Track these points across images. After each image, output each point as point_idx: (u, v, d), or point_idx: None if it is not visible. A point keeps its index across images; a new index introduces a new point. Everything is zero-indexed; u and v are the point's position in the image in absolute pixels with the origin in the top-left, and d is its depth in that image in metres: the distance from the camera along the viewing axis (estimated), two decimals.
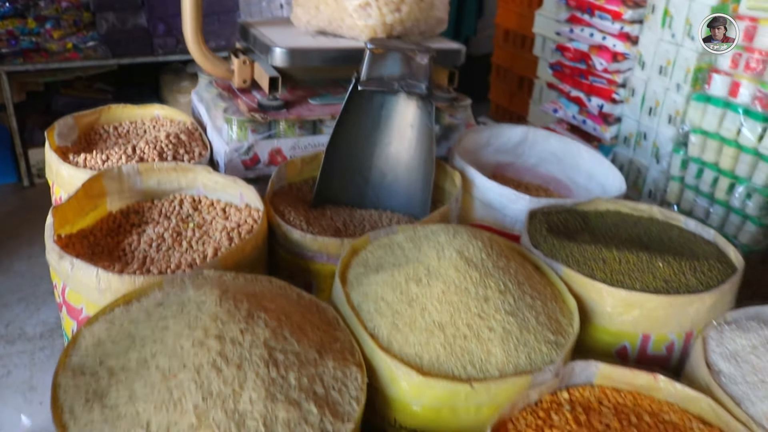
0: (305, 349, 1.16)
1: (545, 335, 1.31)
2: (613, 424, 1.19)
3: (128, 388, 1.07)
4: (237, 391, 1.05)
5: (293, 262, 1.64)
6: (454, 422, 1.22)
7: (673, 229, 1.80)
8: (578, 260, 1.54)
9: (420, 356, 1.22)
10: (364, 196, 1.92)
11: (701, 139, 2.64)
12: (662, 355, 1.51)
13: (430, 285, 1.31)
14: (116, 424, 1.03)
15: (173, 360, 1.08)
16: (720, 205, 2.63)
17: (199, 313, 1.13)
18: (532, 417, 1.20)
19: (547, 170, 2.30)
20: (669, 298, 1.44)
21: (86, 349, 1.18)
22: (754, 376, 1.33)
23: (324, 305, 1.35)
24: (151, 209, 1.82)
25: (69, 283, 1.49)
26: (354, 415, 1.11)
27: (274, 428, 1.03)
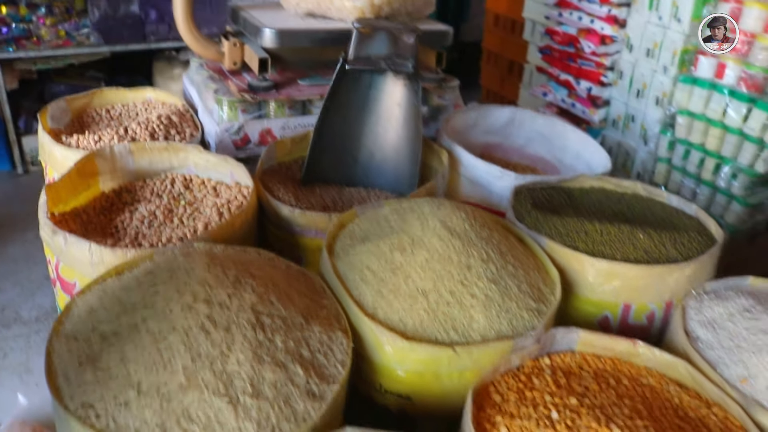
0: (292, 314, 1.19)
1: (527, 303, 1.34)
2: (592, 387, 1.23)
3: (120, 351, 1.10)
4: (225, 353, 1.08)
5: (283, 237, 1.67)
6: (438, 387, 1.25)
7: (656, 204, 1.83)
8: (561, 232, 1.57)
9: (404, 322, 1.26)
10: (353, 175, 1.95)
11: (688, 120, 2.68)
12: (643, 324, 1.55)
13: (414, 253, 1.34)
14: (108, 385, 1.06)
15: (163, 323, 1.11)
16: (706, 185, 2.67)
17: (188, 279, 1.17)
18: (514, 381, 1.24)
19: (534, 151, 2.33)
20: (649, 268, 1.48)
21: (79, 316, 1.21)
22: (729, 341, 1.37)
23: (311, 275, 1.39)
24: (143, 188, 1.85)
25: (62, 258, 1.52)
26: (339, 377, 1.14)
27: (260, 388, 1.07)
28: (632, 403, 1.19)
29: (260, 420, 1.04)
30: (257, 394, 1.06)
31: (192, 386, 1.05)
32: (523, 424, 1.11)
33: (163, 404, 1.03)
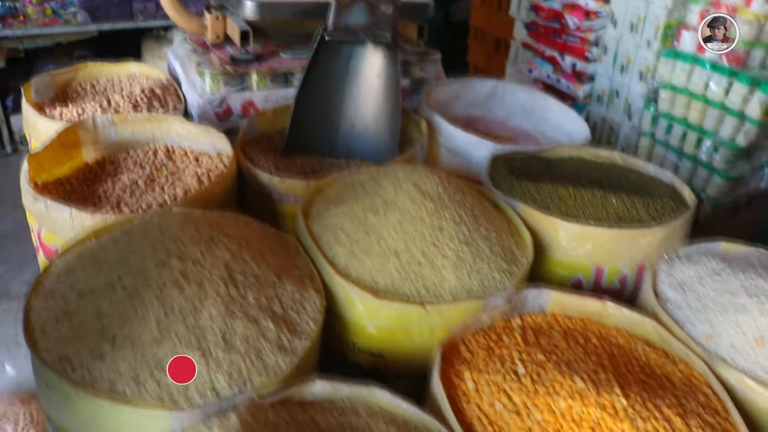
0: (265, 272, 1.22)
1: (499, 264, 1.37)
2: (561, 345, 1.26)
3: (95, 307, 1.13)
4: (197, 308, 1.11)
5: (263, 205, 1.69)
6: (409, 344, 1.28)
7: (632, 173, 1.86)
8: (535, 198, 1.60)
9: (375, 281, 1.28)
10: (334, 146, 1.97)
11: (670, 94, 2.70)
12: (616, 288, 1.58)
13: (387, 215, 1.37)
14: (84, 339, 1.09)
15: (137, 280, 1.13)
16: (688, 159, 2.70)
17: (162, 237, 1.19)
18: (484, 339, 1.27)
19: (516, 123, 2.35)
20: (621, 232, 1.50)
21: (57, 276, 1.24)
22: (697, 302, 1.40)
23: (287, 237, 1.41)
24: (126, 159, 1.87)
25: (44, 225, 1.54)
26: (311, 333, 1.17)
27: (232, 342, 1.09)
28: (598, 359, 1.22)
29: (232, 372, 1.07)
30: (229, 348, 1.09)
31: (165, 339, 1.07)
32: (490, 378, 1.14)
33: (137, 357, 1.06)
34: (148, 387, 1.03)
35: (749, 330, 1.29)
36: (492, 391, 1.11)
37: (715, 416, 1.15)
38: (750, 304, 1.33)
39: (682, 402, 1.15)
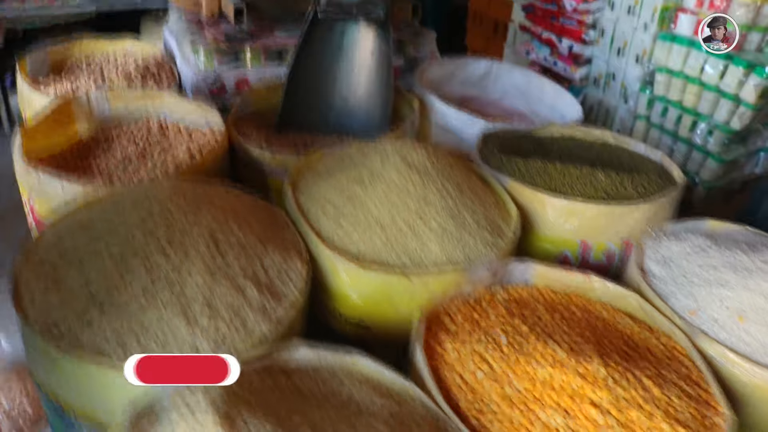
0: (250, 240, 1.23)
1: (483, 236, 1.38)
2: (544, 316, 1.27)
3: (84, 274, 1.14)
4: (183, 275, 1.12)
5: (254, 179, 1.71)
6: (394, 314, 1.29)
7: (623, 152, 1.86)
8: (523, 173, 1.61)
9: (360, 251, 1.30)
10: (327, 122, 1.97)
11: (666, 77, 2.70)
12: (602, 264, 1.59)
13: (373, 186, 1.38)
14: (72, 306, 1.10)
15: (125, 248, 1.15)
16: (683, 142, 2.70)
17: (150, 206, 1.20)
18: (467, 309, 1.28)
19: (511, 103, 2.35)
20: (607, 207, 1.51)
21: (47, 244, 1.25)
22: (682, 277, 1.41)
23: (275, 209, 1.42)
24: (119, 134, 1.88)
25: (36, 196, 1.56)
26: (296, 301, 1.19)
27: (217, 308, 1.11)
28: (581, 331, 1.23)
29: (216, 338, 1.08)
30: (213, 314, 1.10)
31: (151, 306, 1.09)
32: (472, 347, 1.15)
33: (123, 323, 1.08)
34: (133, 351, 1.05)
35: (732, 304, 1.31)
36: (473, 360, 1.12)
37: (694, 387, 1.16)
38: (734, 279, 1.34)
39: (662, 373, 1.16)
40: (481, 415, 1.04)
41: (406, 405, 1.04)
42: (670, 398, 1.10)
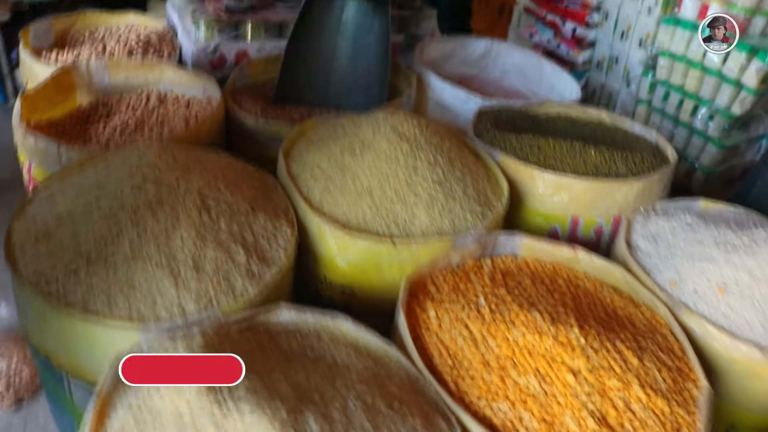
0: (238, 202, 1.25)
1: (471, 206, 1.39)
2: (526, 285, 1.29)
3: (73, 227, 1.16)
4: (169, 230, 1.14)
5: (249, 149, 1.72)
6: (379, 280, 1.31)
7: (618, 131, 1.87)
8: (515, 147, 1.62)
9: (347, 216, 1.31)
10: (325, 96, 1.99)
11: (669, 61, 2.68)
12: (591, 239, 1.60)
13: (363, 155, 1.39)
14: (60, 256, 1.13)
15: (114, 202, 1.17)
16: (684, 127, 2.69)
17: (139, 163, 1.22)
18: (452, 276, 1.30)
19: (510, 83, 2.36)
20: (596, 182, 1.52)
21: (39, 201, 1.28)
22: (667, 251, 1.42)
23: (266, 175, 1.44)
24: (119, 103, 1.90)
25: (34, 160, 1.58)
26: (280, 261, 1.20)
27: (201, 264, 1.13)
28: (561, 299, 1.24)
29: (199, 292, 1.10)
30: (197, 269, 1.12)
31: (136, 258, 1.11)
32: (451, 309, 1.17)
33: (109, 273, 1.10)
34: (118, 302, 1.08)
35: (713, 277, 1.31)
36: (454, 325, 1.14)
37: (671, 356, 1.17)
38: (717, 253, 1.35)
39: (639, 341, 1.17)
40: (459, 377, 1.06)
41: (385, 365, 1.06)
42: (648, 368, 1.11)
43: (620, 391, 1.05)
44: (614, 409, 1.03)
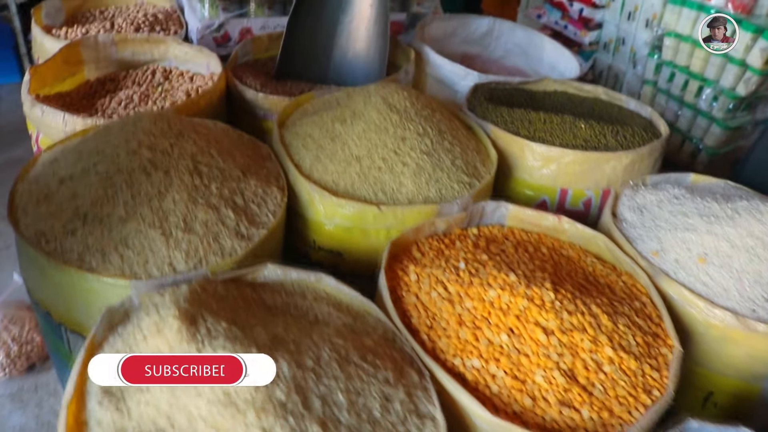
0: (230, 167, 1.30)
1: (459, 176, 1.43)
2: (509, 251, 1.32)
3: (71, 189, 1.22)
4: (162, 192, 1.20)
5: (248, 122, 1.77)
6: (366, 244, 1.35)
7: (613, 107, 1.88)
8: (506, 120, 1.65)
9: (336, 183, 1.36)
10: (326, 73, 2.03)
11: (675, 42, 2.68)
12: (580, 210, 1.62)
13: (353, 124, 1.43)
14: (59, 217, 1.19)
15: (110, 166, 1.22)
16: (688, 108, 2.69)
17: (135, 129, 1.27)
18: (437, 243, 1.33)
19: (512, 62, 2.37)
20: (584, 154, 1.55)
21: (42, 165, 1.34)
22: (651, 222, 1.44)
23: (260, 143, 1.49)
24: (125, 78, 1.95)
25: (41, 130, 1.64)
26: (269, 224, 1.25)
27: (192, 225, 1.18)
28: (541, 264, 1.28)
29: (189, 251, 1.16)
30: (189, 230, 1.17)
31: (130, 219, 1.17)
32: (431, 271, 1.21)
33: (104, 233, 1.16)
34: (112, 259, 1.13)
35: (694, 247, 1.34)
36: (430, 282, 1.18)
37: (647, 321, 1.20)
38: (699, 224, 1.37)
39: (615, 306, 1.20)
40: (431, 330, 1.10)
41: (362, 319, 1.10)
42: (619, 327, 1.14)
43: (592, 351, 1.09)
44: (585, 369, 1.07)
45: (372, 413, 0.90)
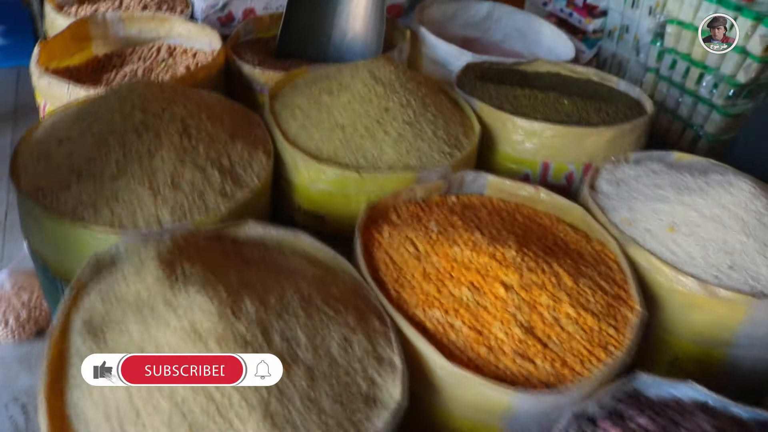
0: (218, 131, 1.37)
1: (440, 146, 1.48)
2: (483, 217, 1.37)
3: (68, 149, 1.30)
4: (152, 152, 1.27)
5: (246, 96, 1.84)
6: (347, 208, 1.42)
7: (603, 87, 1.93)
8: (492, 96, 1.70)
9: (320, 149, 1.42)
10: (326, 53, 2.09)
11: (677, 29, 2.70)
12: (563, 184, 1.67)
13: (339, 95, 1.50)
14: (55, 173, 1.27)
15: (105, 127, 1.30)
16: (689, 95, 2.71)
17: (129, 94, 1.35)
18: (415, 208, 1.39)
19: (511, 46, 2.42)
20: (565, 128, 1.59)
21: (44, 128, 1.42)
22: (627, 193, 1.49)
23: (250, 112, 1.56)
24: (132, 53, 2.04)
25: (47, 100, 1.73)
26: (253, 185, 1.32)
27: (179, 182, 1.25)
28: (513, 229, 1.33)
29: (175, 207, 1.23)
30: (175, 187, 1.25)
31: (121, 176, 1.24)
32: (403, 231, 1.27)
33: (96, 188, 1.24)
34: (102, 213, 1.21)
35: (665, 217, 1.38)
36: (401, 240, 1.24)
37: (612, 284, 1.25)
38: (672, 195, 1.41)
39: (580, 268, 1.25)
40: (399, 286, 1.16)
41: (333, 273, 1.17)
42: (582, 288, 1.19)
43: (550, 307, 1.14)
44: (542, 323, 1.12)
45: (330, 351, 0.97)
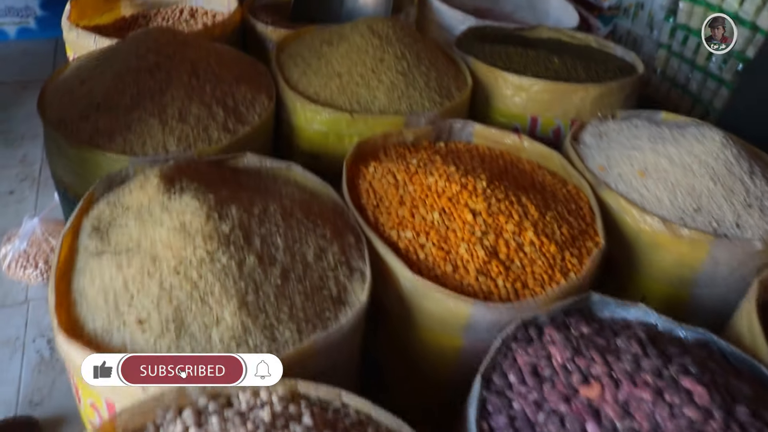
0: (225, 75, 1.50)
1: (431, 96, 1.59)
2: (464, 157, 1.48)
3: (90, 87, 1.45)
4: (163, 89, 1.41)
5: (259, 53, 1.97)
6: (340, 148, 1.53)
7: (599, 52, 2.00)
8: (486, 54, 1.79)
9: (318, 94, 1.54)
10: (339, 16, 2.20)
11: (689, 5, 2.74)
12: (549, 138, 1.76)
13: (338, 46, 1.62)
14: (77, 106, 1.42)
15: (122, 66, 1.45)
16: (699, 71, 2.75)
17: (145, 39, 1.50)
18: (403, 149, 1.50)
19: (521, 17, 2.50)
20: (552, 84, 1.68)
21: (70, 69, 1.58)
22: (606, 144, 1.57)
23: (259, 63, 1.69)
24: (156, 14, 2.19)
25: (75, 51, 1.88)
26: (254, 122, 1.45)
27: (186, 117, 1.39)
28: (489, 168, 1.43)
29: (181, 137, 1.37)
30: (182, 120, 1.38)
31: (134, 109, 1.38)
32: (386, 165, 1.38)
33: (112, 119, 1.38)
34: (116, 140, 1.35)
35: (637, 163, 1.46)
36: (384, 174, 1.35)
37: (578, 220, 1.34)
38: (646, 145, 1.49)
39: (549, 203, 1.35)
40: (376, 210, 1.28)
41: (317, 197, 1.29)
42: (547, 221, 1.29)
43: (515, 233, 1.24)
44: (506, 247, 1.22)
45: (305, 257, 1.09)
